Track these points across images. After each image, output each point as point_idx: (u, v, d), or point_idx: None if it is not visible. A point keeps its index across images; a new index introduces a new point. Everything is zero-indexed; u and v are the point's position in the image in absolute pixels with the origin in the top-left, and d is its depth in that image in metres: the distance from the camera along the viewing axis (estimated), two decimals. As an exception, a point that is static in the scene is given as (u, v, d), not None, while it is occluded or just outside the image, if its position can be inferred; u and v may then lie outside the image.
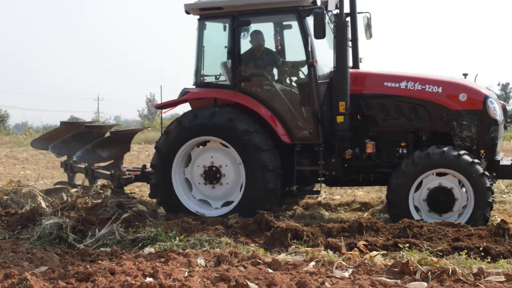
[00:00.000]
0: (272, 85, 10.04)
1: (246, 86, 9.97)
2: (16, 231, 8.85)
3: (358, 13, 10.59)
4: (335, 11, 9.85)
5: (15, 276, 6.30)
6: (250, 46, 10.17)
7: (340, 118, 9.47)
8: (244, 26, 9.92)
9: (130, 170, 11.51)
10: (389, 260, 6.94)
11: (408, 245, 7.36)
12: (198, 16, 10.25)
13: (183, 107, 11.10)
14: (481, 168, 8.85)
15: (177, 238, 8.14)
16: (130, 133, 12.05)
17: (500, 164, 9.50)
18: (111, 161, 11.58)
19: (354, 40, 10.50)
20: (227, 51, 10.00)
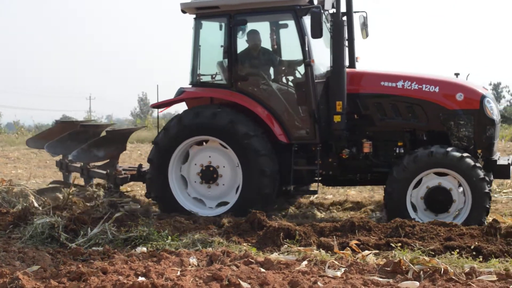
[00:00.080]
0: (269, 84, 10.03)
1: (242, 85, 9.95)
2: (8, 230, 8.83)
3: (354, 12, 10.61)
4: (331, 10, 9.85)
5: (7, 276, 6.28)
6: (246, 45, 10.15)
7: (337, 118, 9.47)
8: (240, 25, 9.90)
9: (126, 170, 11.48)
10: (381, 260, 6.95)
11: (400, 244, 7.37)
12: (194, 15, 10.22)
13: (176, 107, 11.06)
14: (482, 173, 8.84)
15: (170, 237, 8.14)
16: (127, 133, 12.01)
17: (497, 164, 9.48)
18: (107, 161, 11.54)
19: (350, 40, 10.51)
20: (223, 51, 9.99)
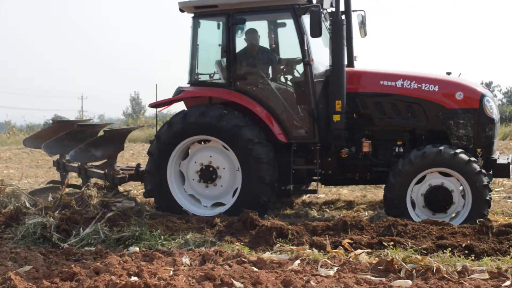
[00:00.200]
0: (268, 84, 10.00)
1: (241, 84, 9.91)
2: (0, 231, 8.79)
3: (353, 11, 10.57)
4: (330, 9, 9.83)
5: (-1, 276, 6.26)
6: (245, 44, 10.12)
7: (337, 117, 9.44)
8: (239, 24, 9.86)
9: (124, 169, 11.40)
10: (374, 258, 6.96)
11: (392, 243, 7.38)
12: (193, 14, 10.17)
13: (173, 106, 10.99)
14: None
15: (162, 237, 8.14)
16: (125, 132, 11.91)
17: (497, 162, 9.48)
18: (105, 160, 11.47)
19: (348, 38, 10.47)
20: (222, 50, 9.96)
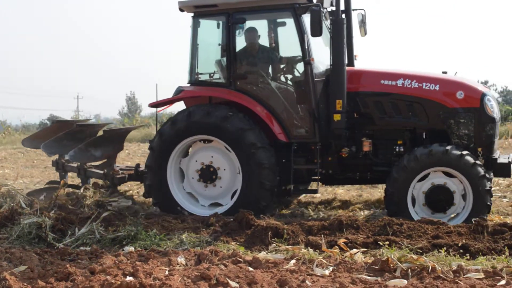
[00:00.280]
0: (268, 83, 9.97)
1: (241, 84, 9.88)
2: (-5, 231, 8.77)
3: (353, 10, 10.55)
4: (329, 8, 9.81)
5: (-6, 276, 6.24)
6: (245, 43, 10.09)
7: (337, 117, 9.41)
8: (239, 24, 9.84)
9: (123, 169, 11.37)
10: (369, 258, 6.97)
11: (388, 242, 7.39)
12: (192, 14, 10.13)
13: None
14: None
15: (157, 236, 8.13)
16: (124, 132, 11.89)
17: (498, 162, 9.44)
18: (104, 160, 11.40)
19: (349, 38, 10.43)
20: (222, 49, 9.94)
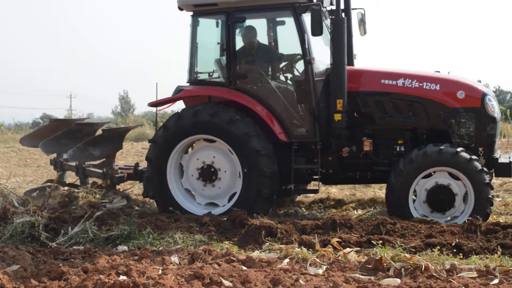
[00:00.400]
0: (268, 82, 9.92)
1: (241, 83, 9.84)
2: (-13, 230, 8.74)
3: (352, 9, 10.52)
4: (329, 7, 9.79)
5: (-14, 275, 6.22)
6: (246, 42, 10.03)
7: (338, 116, 9.39)
8: (239, 23, 9.80)
9: (122, 168, 11.32)
10: (363, 257, 6.97)
11: (381, 241, 7.40)
12: (192, 13, 10.10)
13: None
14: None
15: (151, 236, 8.12)
16: (123, 131, 11.84)
17: (499, 161, 9.43)
18: (103, 160, 11.35)
19: (348, 37, 10.36)
20: (221, 48, 9.91)
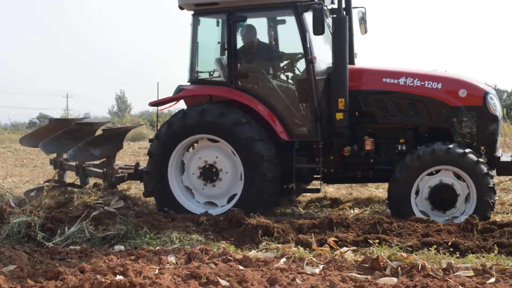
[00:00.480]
0: (269, 82, 9.89)
1: (242, 82, 9.82)
2: (-16, 230, 8.72)
3: (353, 8, 10.51)
4: (330, 6, 9.79)
5: (-17, 276, 6.21)
6: (245, 41, 10.01)
7: (340, 115, 9.37)
8: (240, 22, 9.78)
9: (122, 168, 11.28)
10: (360, 256, 6.97)
11: (378, 241, 7.40)
12: (192, 12, 10.08)
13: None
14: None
15: (148, 235, 8.11)
16: (123, 131, 11.78)
17: (501, 160, 9.43)
18: (104, 159, 11.30)
19: (349, 36, 10.25)
20: (222, 47, 9.92)
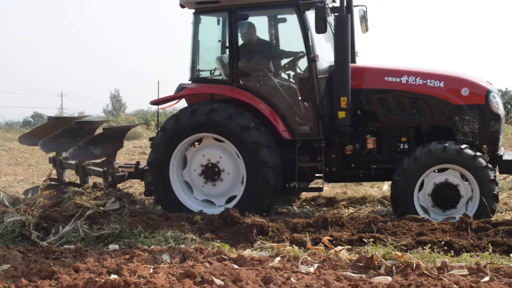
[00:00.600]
0: (271, 80, 9.87)
1: (244, 81, 9.80)
2: (-23, 229, 8.69)
3: (354, 6, 10.47)
4: (331, 4, 9.79)
5: (-23, 275, 6.20)
6: (246, 40, 9.97)
7: (342, 114, 9.36)
8: (242, 21, 9.73)
9: (123, 167, 11.25)
10: (354, 255, 6.98)
11: (372, 239, 7.42)
12: (194, 10, 10.05)
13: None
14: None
15: (142, 234, 8.10)
16: (124, 130, 11.79)
17: (503, 159, 9.41)
18: (104, 158, 11.26)
19: (350, 34, 10.19)
20: (223, 46, 9.89)
